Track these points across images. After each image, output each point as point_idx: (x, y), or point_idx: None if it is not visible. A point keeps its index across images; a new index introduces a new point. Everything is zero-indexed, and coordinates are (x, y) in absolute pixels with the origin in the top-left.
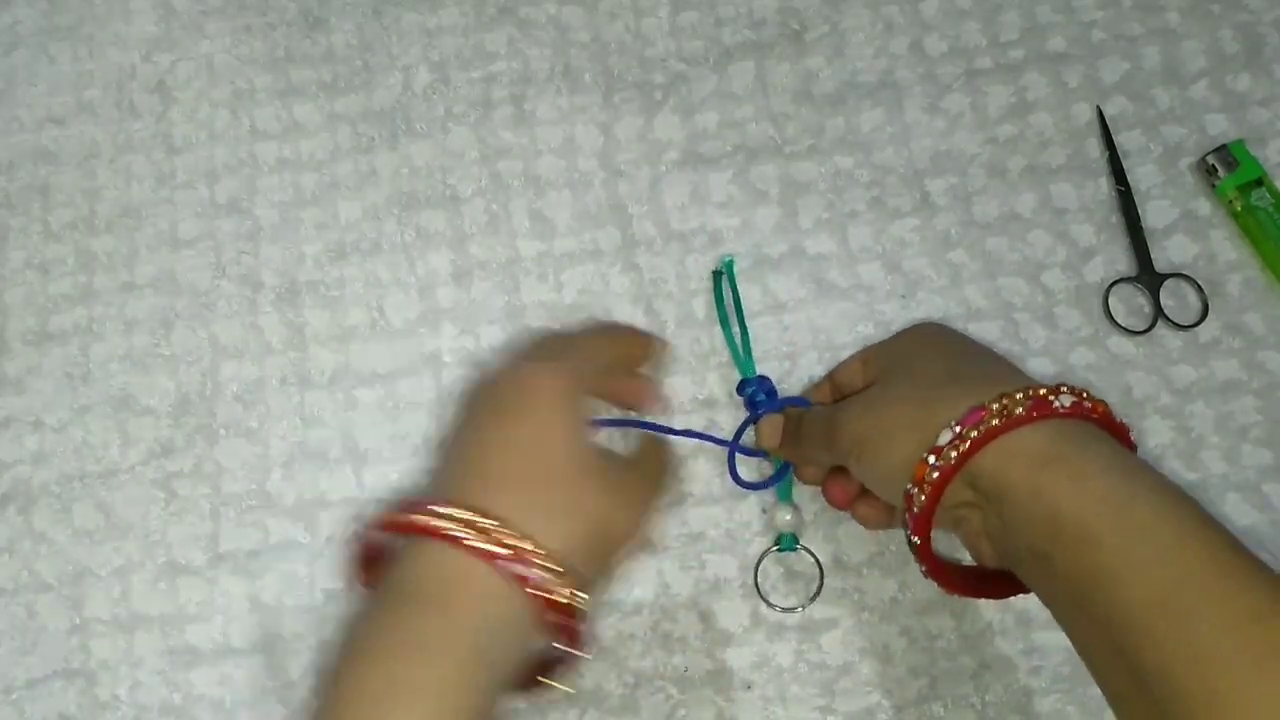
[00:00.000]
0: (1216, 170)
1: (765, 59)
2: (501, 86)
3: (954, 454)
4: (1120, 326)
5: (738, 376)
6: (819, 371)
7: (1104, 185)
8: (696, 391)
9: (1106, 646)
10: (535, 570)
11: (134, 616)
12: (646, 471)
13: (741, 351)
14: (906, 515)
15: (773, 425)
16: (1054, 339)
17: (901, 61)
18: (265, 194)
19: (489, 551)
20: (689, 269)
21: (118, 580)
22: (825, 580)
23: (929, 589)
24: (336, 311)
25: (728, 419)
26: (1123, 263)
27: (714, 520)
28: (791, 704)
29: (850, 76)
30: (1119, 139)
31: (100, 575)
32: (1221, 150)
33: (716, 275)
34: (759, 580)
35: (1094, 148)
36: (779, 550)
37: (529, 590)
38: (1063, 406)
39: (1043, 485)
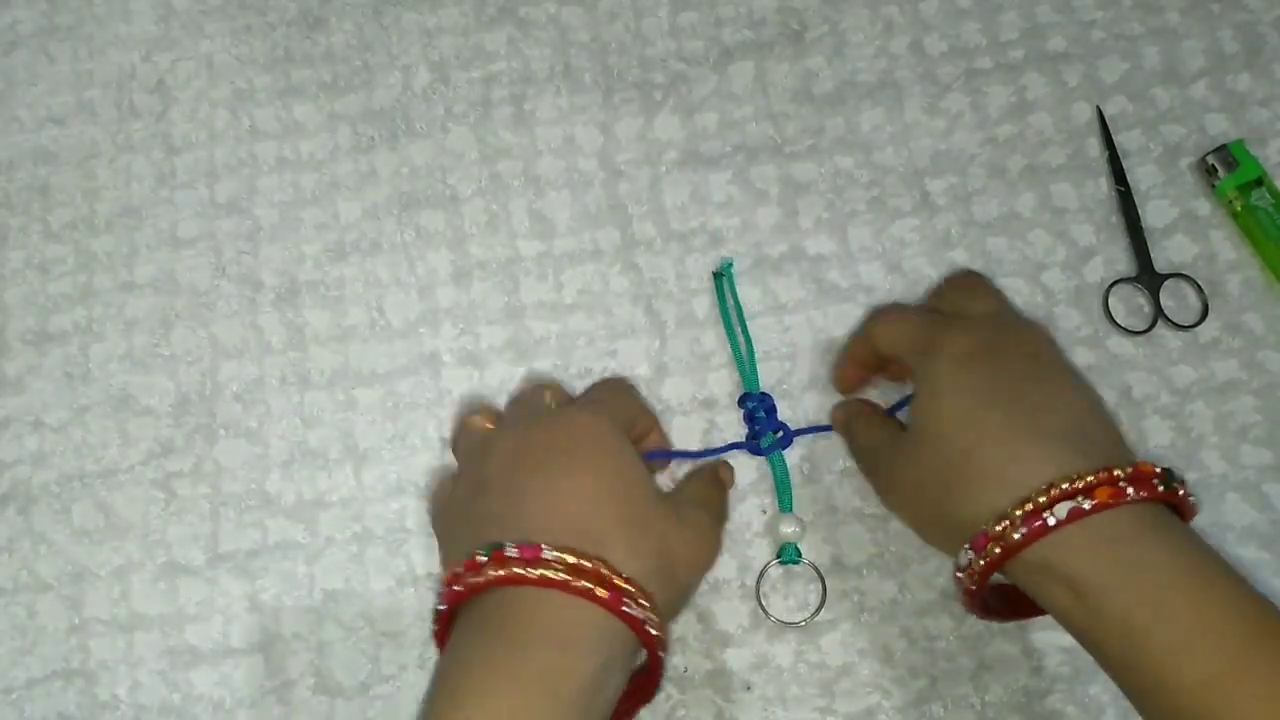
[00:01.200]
0: (1216, 170)
1: (765, 59)
2: (501, 86)
3: (1016, 534)
4: (1120, 326)
5: (738, 379)
6: (820, 372)
7: (1104, 185)
8: (696, 392)
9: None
10: (637, 608)
11: (134, 616)
12: (708, 502)
13: (746, 363)
14: (964, 574)
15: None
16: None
17: (901, 61)
18: (265, 194)
19: (593, 593)
20: (689, 269)
21: (117, 580)
22: (826, 586)
23: (929, 590)
24: (336, 311)
25: (727, 420)
26: (1123, 263)
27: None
28: (791, 705)
29: (850, 76)
30: (1119, 139)
31: (100, 575)
32: (1221, 150)
33: (717, 278)
34: (761, 593)
35: (1094, 148)
36: (781, 562)
37: (638, 628)
38: (1130, 495)
39: (1091, 576)
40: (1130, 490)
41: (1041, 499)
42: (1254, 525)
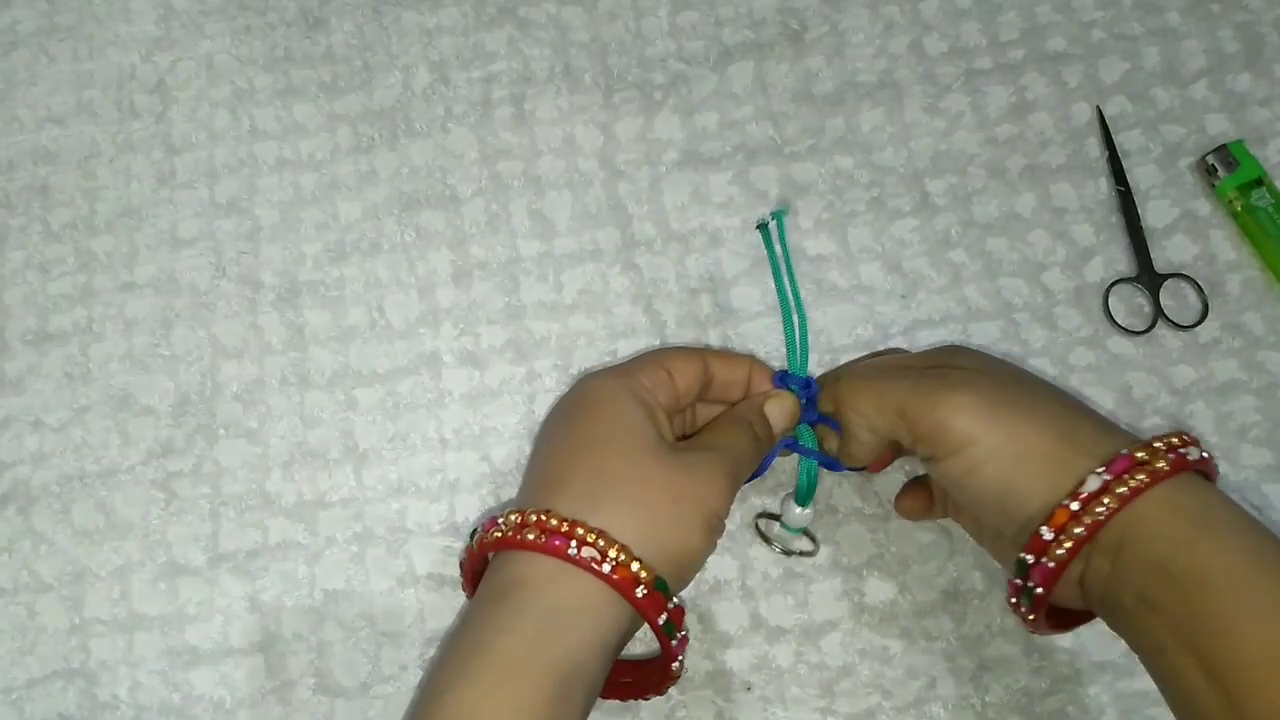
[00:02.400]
0: (1216, 170)
1: (765, 59)
2: (501, 86)
3: (1101, 507)
4: (1120, 326)
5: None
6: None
7: (1104, 185)
8: None
9: (1214, 695)
10: (588, 550)
11: (134, 616)
12: (720, 443)
13: (798, 338)
14: (1029, 558)
15: (783, 405)
16: (1054, 339)
17: (901, 61)
18: (265, 194)
19: (538, 542)
20: (689, 269)
21: (117, 580)
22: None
23: (929, 590)
24: (336, 311)
25: None
26: (1122, 263)
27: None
28: (791, 705)
29: (850, 76)
30: (1119, 139)
31: (100, 575)
32: (1221, 150)
33: (764, 230)
34: (761, 528)
35: (1094, 148)
36: (781, 526)
37: (590, 569)
38: (1191, 459)
39: (1180, 539)
40: (1190, 454)
41: (1106, 475)
42: None
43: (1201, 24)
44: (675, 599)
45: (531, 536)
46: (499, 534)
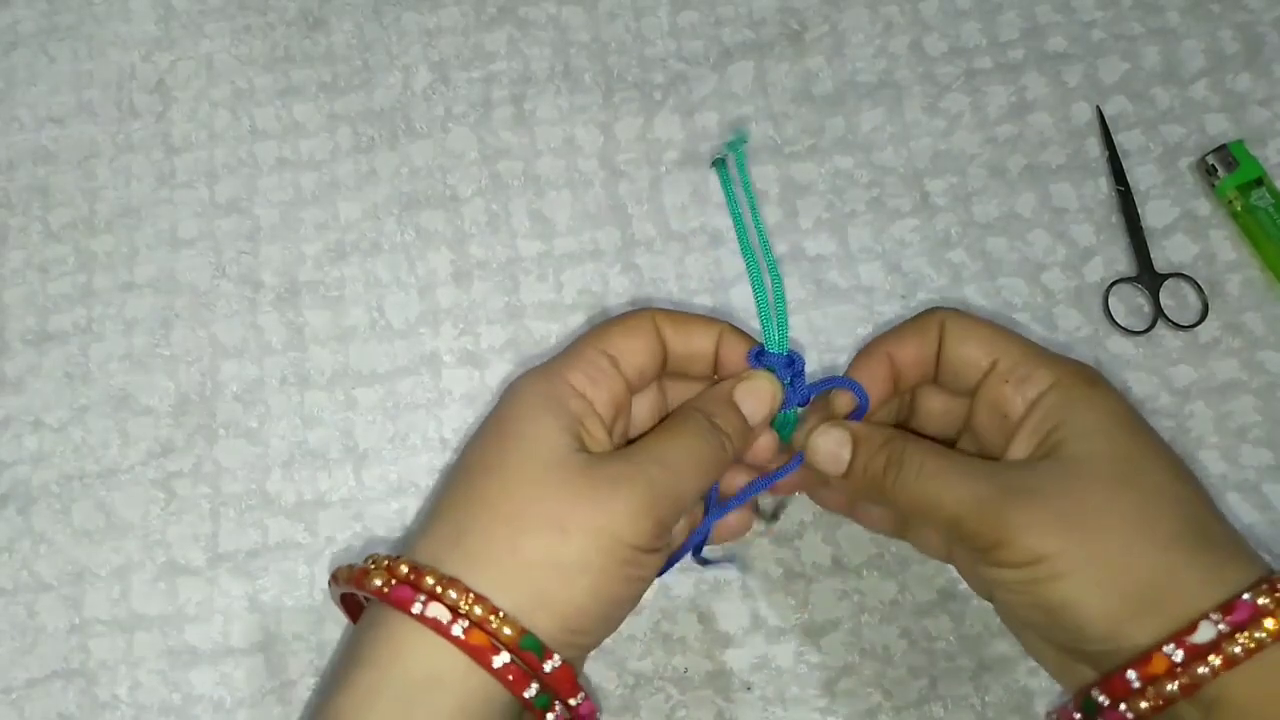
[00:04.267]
0: (1216, 170)
1: (765, 59)
2: (501, 86)
3: (1206, 668)
4: (1120, 326)
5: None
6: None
7: (1104, 185)
8: None
9: None
10: (435, 607)
11: (134, 616)
12: (653, 452)
13: (773, 307)
14: (1103, 700)
15: (836, 444)
16: (1054, 339)
17: (901, 61)
18: (265, 194)
19: (381, 590)
20: (689, 269)
21: (117, 580)
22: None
23: (929, 590)
24: (336, 311)
25: None
26: (1122, 263)
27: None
28: (791, 705)
29: (850, 76)
30: (1119, 139)
31: (100, 575)
32: (1221, 150)
33: (720, 167)
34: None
35: (1094, 148)
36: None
37: (437, 629)
38: None
39: None
40: None
41: (1223, 624)
42: (1254, 525)
43: (1201, 24)
44: (554, 659)
45: (378, 582)
46: (347, 574)
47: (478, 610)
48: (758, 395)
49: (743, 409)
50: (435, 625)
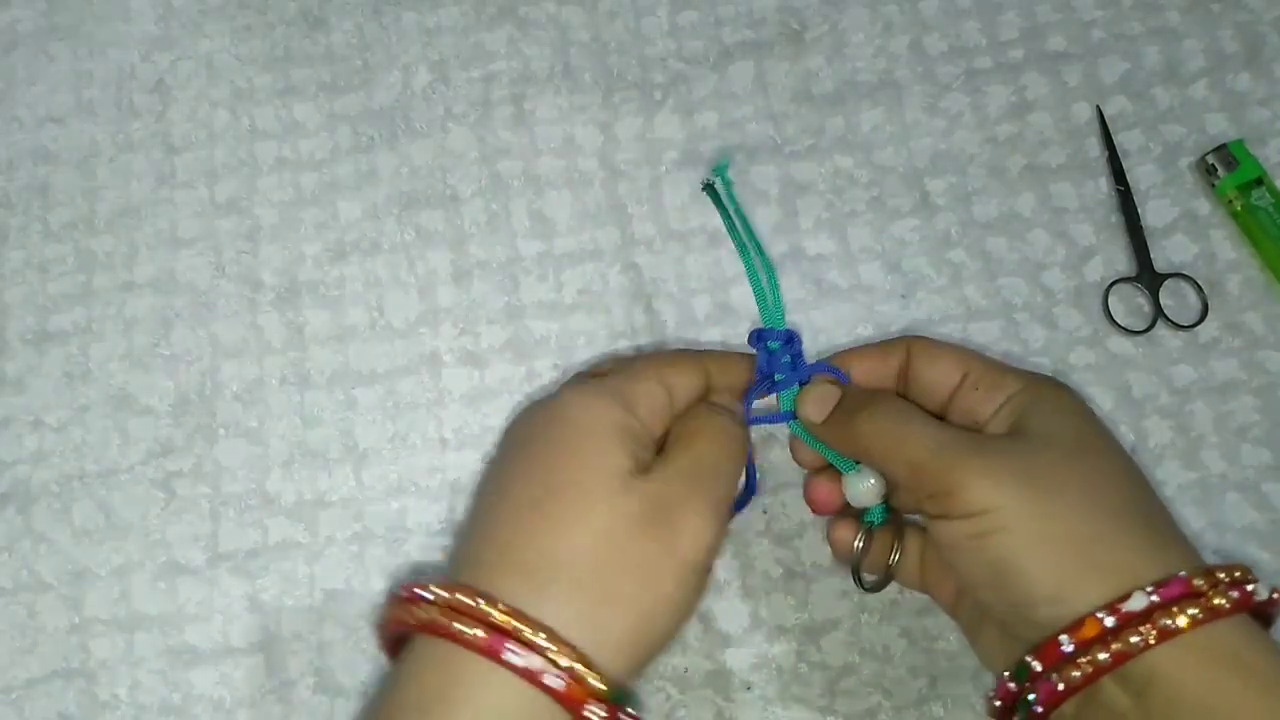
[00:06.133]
0: (1216, 170)
1: (765, 59)
2: (501, 86)
3: (1138, 636)
4: (1120, 326)
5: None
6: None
7: (1104, 185)
8: None
9: None
10: (532, 657)
11: (134, 616)
12: (701, 457)
13: (766, 286)
14: (1036, 665)
15: (823, 395)
16: (1054, 339)
17: (901, 61)
18: (265, 194)
19: (489, 647)
20: (689, 269)
21: (117, 580)
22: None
23: None
24: (336, 311)
25: None
26: (1122, 263)
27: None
28: (792, 705)
29: (850, 76)
30: (1119, 139)
31: (100, 575)
32: (1221, 150)
33: (710, 190)
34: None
35: (1094, 147)
36: (869, 524)
37: (533, 681)
38: (1259, 598)
39: (1223, 690)
40: (1259, 592)
41: (1154, 595)
42: (1254, 525)
43: (1201, 24)
44: (630, 710)
45: (465, 630)
46: (424, 615)
47: (575, 666)
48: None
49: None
50: (532, 676)
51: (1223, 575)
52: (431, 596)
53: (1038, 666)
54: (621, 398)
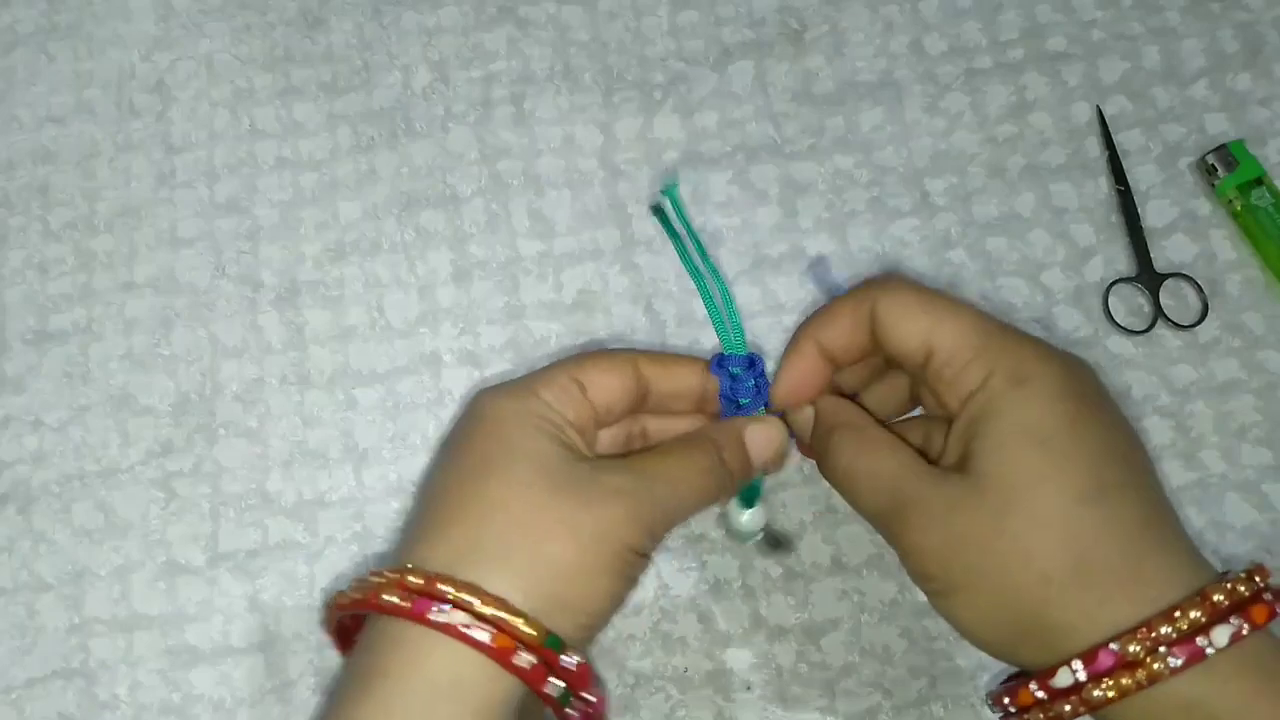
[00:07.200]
0: (1216, 170)
1: (765, 59)
2: (501, 86)
3: (1069, 705)
4: (1120, 326)
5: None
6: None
7: (1104, 185)
8: None
9: None
10: (456, 614)
11: (134, 616)
12: (656, 468)
13: (723, 312)
14: (1042, 693)
15: (769, 438)
16: (1054, 339)
17: (901, 61)
18: (265, 194)
19: (416, 611)
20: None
21: (117, 580)
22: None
23: None
24: (336, 311)
25: None
26: (1122, 263)
27: (714, 521)
28: (791, 705)
29: (850, 76)
30: (1119, 138)
31: (100, 575)
32: (1221, 150)
33: (658, 212)
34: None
35: (1094, 147)
36: (731, 533)
37: (459, 636)
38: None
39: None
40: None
41: (1195, 613)
42: (1254, 525)
43: (1201, 24)
44: (576, 656)
45: (392, 599)
46: (356, 595)
47: (501, 614)
48: (767, 439)
49: (750, 449)
50: (455, 632)
51: (1242, 588)
52: (356, 581)
53: (995, 711)
54: (528, 388)
